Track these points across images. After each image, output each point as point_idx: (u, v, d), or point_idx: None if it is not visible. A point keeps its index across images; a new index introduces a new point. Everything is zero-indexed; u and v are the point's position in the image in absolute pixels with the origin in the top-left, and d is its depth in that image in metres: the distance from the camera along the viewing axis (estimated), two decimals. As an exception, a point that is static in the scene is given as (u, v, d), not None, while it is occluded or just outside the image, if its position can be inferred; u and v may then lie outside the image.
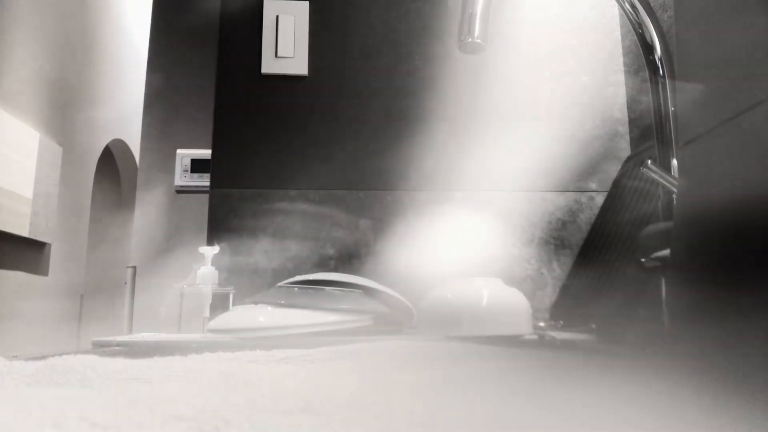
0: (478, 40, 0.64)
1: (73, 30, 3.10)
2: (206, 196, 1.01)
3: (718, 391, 0.26)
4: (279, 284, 0.72)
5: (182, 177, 1.75)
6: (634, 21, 0.66)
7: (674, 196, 0.62)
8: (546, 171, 0.99)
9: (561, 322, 0.85)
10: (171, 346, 0.58)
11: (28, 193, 2.62)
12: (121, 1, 3.81)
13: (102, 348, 0.60)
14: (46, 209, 2.79)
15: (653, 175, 0.61)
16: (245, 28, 1.02)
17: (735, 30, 0.32)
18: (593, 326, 0.73)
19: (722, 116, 0.32)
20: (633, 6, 0.66)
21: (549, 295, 0.96)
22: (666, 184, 0.61)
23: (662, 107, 0.65)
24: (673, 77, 0.64)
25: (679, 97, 0.45)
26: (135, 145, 3.75)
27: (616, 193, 0.97)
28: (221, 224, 0.96)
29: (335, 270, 0.94)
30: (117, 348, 0.59)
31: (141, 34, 3.67)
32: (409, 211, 0.97)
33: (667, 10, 0.84)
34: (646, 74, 0.67)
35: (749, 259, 0.29)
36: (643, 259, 0.60)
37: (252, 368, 0.35)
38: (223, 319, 0.67)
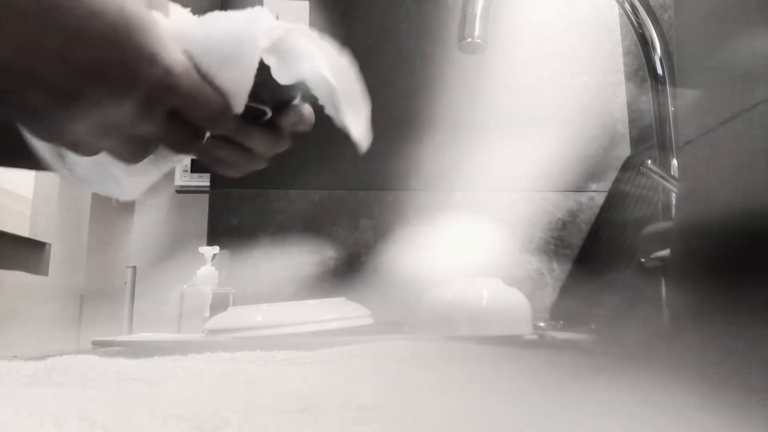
0: (478, 41, 0.64)
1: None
2: (206, 196, 1.01)
3: (717, 390, 0.26)
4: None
5: (182, 177, 1.75)
6: (634, 21, 0.66)
7: (674, 196, 0.62)
8: (546, 171, 0.98)
9: (561, 322, 0.85)
10: (171, 346, 0.58)
11: (28, 193, 2.62)
12: (121, 1, 3.81)
13: (102, 348, 0.60)
14: (46, 209, 2.79)
15: (653, 175, 0.61)
16: (245, 28, 1.02)
17: (734, 34, 0.32)
18: (593, 326, 0.73)
19: (722, 117, 0.32)
20: (633, 6, 0.66)
21: (549, 295, 0.96)
22: (666, 184, 0.61)
23: (662, 107, 0.65)
24: (673, 77, 0.64)
25: (679, 98, 0.45)
26: (135, 145, 3.75)
27: (616, 193, 0.97)
28: (221, 224, 0.96)
29: (334, 270, 0.94)
30: (117, 348, 0.59)
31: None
32: (409, 211, 0.97)
33: (667, 10, 0.84)
34: (646, 74, 0.67)
35: (748, 260, 0.29)
36: (643, 259, 0.60)
37: (252, 369, 0.35)
38: (221, 319, 0.67)
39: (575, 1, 1.06)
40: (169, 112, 0.31)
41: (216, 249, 0.88)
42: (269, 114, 0.37)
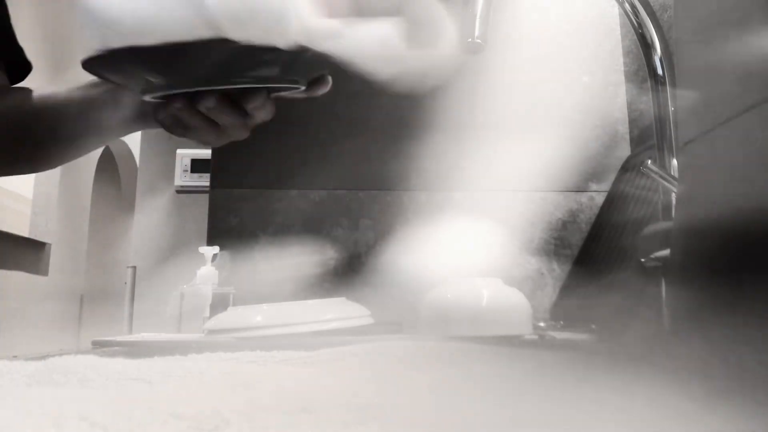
0: (478, 41, 0.64)
1: (74, 30, 3.10)
2: (206, 196, 1.01)
3: (717, 391, 0.26)
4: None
5: (182, 177, 1.76)
6: (634, 21, 0.66)
7: (674, 196, 0.62)
8: (546, 171, 0.98)
9: (561, 322, 0.85)
10: (171, 346, 0.58)
11: (28, 193, 2.62)
12: (121, 1, 3.81)
13: (102, 348, 0.60)
14: (46, 209, 2.79)
15: (653, 174, 0.61)
16: (245, 28, 1.02)
17: (735, 34, 0.32)
18: (593, 326, 0.73)
19: (722, 117, 0.32)
20: (633, 6, 0.66)
21: (549, 295, 0.96)
22: (666, 184, 0.61)
23: (662, 107, 0.65)
24: (673, 77, 0.64)
25: (679, 98, 0.45)
26: (135, 145, 3.75)
27: (616, 193, 0.97)
28: (221, 224, 0.96)
29: (334, 270, 0.94)
30: (117, 348, 0.59)
31: (141, 34, 3.66)
32: (409, 211, 0.97)
33: (667, 10, 0.84)
34: (646, 74, 0.67)
35: (748, 260, 0.29)
36: (643, 259, 0.60)
37: (252, 368, 0.35)
38: (221, 319, 0.67)
39: (575, 1, 1.06)
40: None
41: (216, 249, 0.88)
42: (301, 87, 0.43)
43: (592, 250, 0.96)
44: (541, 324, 0.81)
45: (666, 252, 0.57)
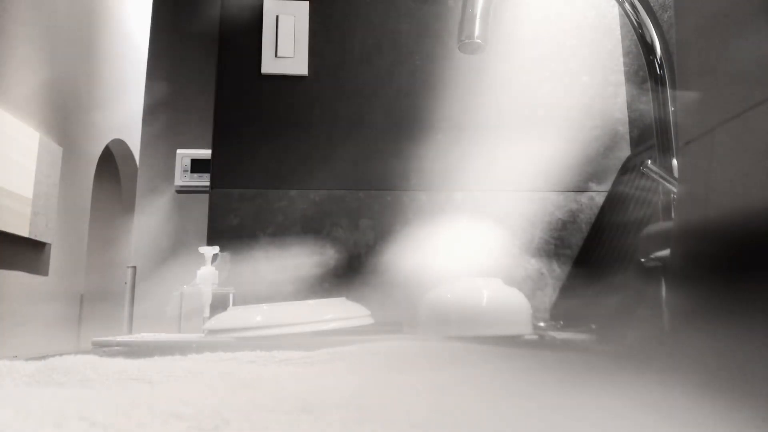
0: (478, 41, 0.64)
1: (74, 30, 3.10)
2: (206, 196, 1.01)
3: (717, 391, 0.26)
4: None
5: (182, 177, 1.75)
6: (634, 21, 0.66)
7: (674, 196, 0.62)
8: (546, 171, 0.98)
9: (561, 322, 0.85)
10: (171, 346, 0.58)
11: (28, 193, 2.62)
12: (122, 2, 3.82)
13: (102, 348, 0.60)
14: (46, 209, 2.79)
15: (653, 175, 0.61)
16: (245, 28, 1.02)
17: (734, 34, 0.32)
18: (593, 326, 0.73)
19: (722, 117, 0.32)
20: (633, 6, 0.66)
21: (549, 295, 0.95)
22: (666, 184, 0.61)
23: (662, 107, 0.65)
24: (673, 77, 0.64)
25: (679, 98, 0.45)
26: (135, 145, 3.76)
27: (616, 193, 0.97)
28: (221, 224, 0.96)
29: (334, 270, 0.94)
30: (117, 348, 0.59)
31: (142, 35, 3.67)
32: (409, 211, 0.97)
33: (667, 10, 0.84)
34: (646, 74, 0.67)
35: (748, 261, 0.29)
36: (643, 259, 0.60)
37: (252, 368, 0.35)
38: (220, 319, 0.67)
39: (575, 1, 1.06)
40: None
41: (216, 249, 0.88)
42: None
43: (592, 251, 0.96)
44: (541, 324, 0.81)
45: (666, 252, 0.57)
